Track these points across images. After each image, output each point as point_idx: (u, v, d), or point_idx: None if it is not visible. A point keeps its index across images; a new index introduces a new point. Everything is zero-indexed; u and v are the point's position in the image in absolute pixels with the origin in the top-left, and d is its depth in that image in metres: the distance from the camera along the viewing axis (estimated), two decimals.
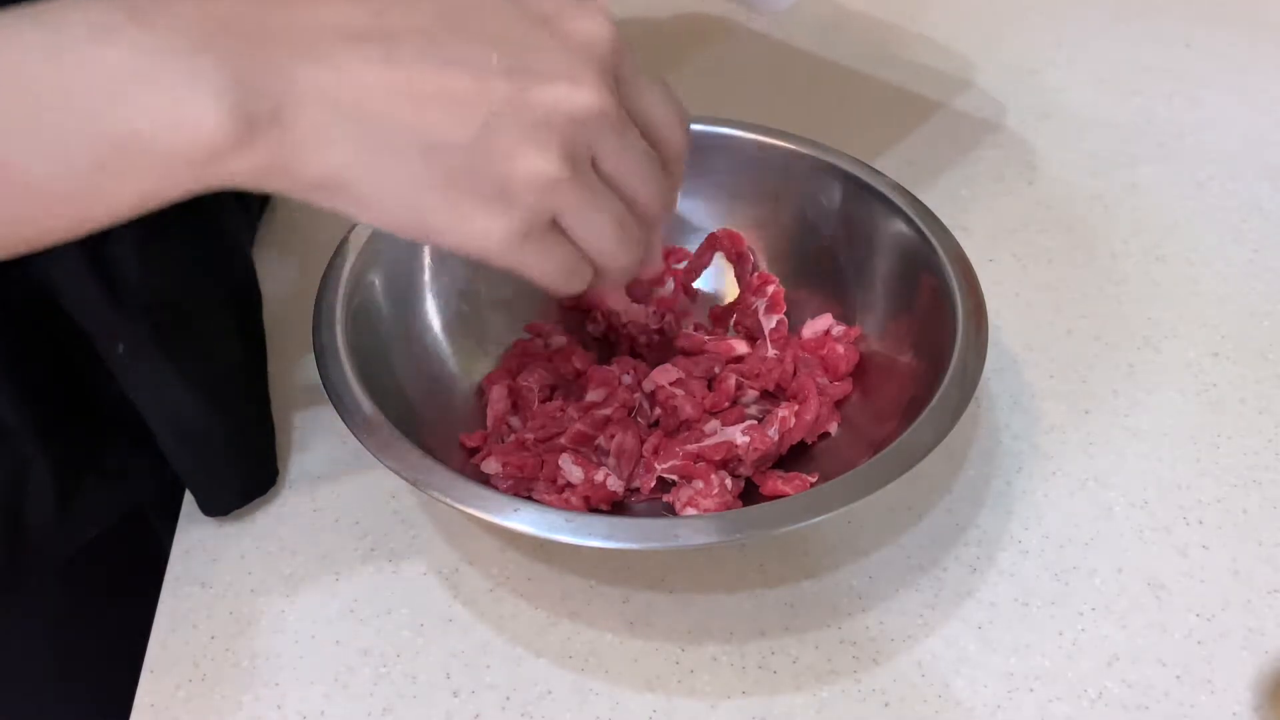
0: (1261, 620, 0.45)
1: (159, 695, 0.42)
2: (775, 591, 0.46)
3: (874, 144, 0.70)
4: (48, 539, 0.45)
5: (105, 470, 0.47)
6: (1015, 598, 0.45)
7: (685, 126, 0.38)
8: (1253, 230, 0.64)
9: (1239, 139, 0.71)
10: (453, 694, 0.42)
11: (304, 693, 0.42)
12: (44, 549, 0.46)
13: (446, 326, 0.52)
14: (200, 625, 0.44)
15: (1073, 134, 0.72)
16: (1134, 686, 0.43)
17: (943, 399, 0.43)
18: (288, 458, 0.51)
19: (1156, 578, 0.46)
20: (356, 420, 0.42)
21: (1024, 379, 0.55)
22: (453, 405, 0.51)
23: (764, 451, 0.47)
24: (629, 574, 0.46)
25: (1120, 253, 0.63)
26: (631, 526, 0.40)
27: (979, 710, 0.42)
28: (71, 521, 0.46)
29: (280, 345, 0.56)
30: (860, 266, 0.54)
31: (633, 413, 0.50)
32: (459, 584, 0.46)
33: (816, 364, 0.51)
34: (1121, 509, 0.49)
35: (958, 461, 0.51)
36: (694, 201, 0.58)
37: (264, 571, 0.46)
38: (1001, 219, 0.65)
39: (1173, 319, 0.59)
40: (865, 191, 0.53)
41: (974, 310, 0.47)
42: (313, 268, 0.60)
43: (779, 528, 0.40)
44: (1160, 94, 0.76)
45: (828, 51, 0.80)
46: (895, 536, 0.48)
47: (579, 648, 0.44)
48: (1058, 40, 0.82)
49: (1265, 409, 0.54)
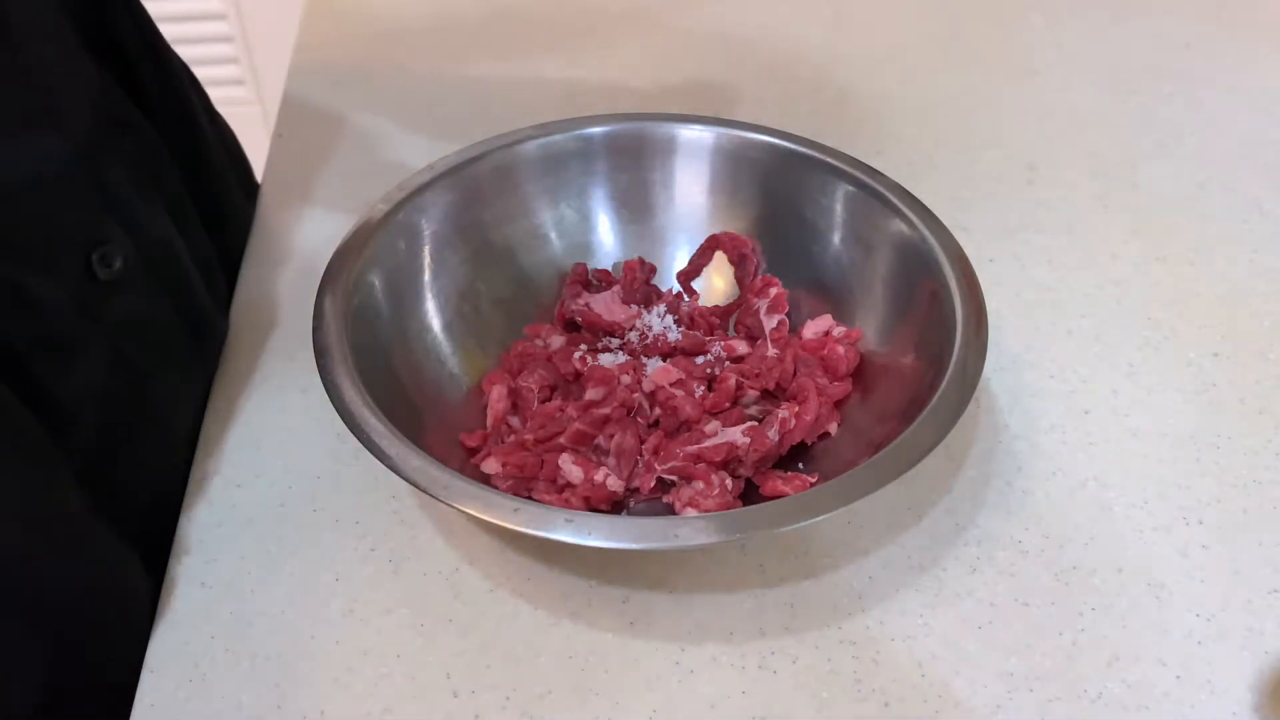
0: (1261, 620, 0.45)
1: (159, 695, 0.42)
2: (775, 591, 0.46)
3: (874, 144, 0.70)
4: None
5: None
6: (1015, 598, 0.45)
7: None
8: (1253, 230, 0.64)
9: (1239, 139, 0.71)
10: (453, 694, 0.42)
11: (304, 693, 0.42)
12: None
13: (446, 326, 0.52)
14: (200, 625, 0.44)
15: (1073, 134, 0.72)
16: (1134, 686, 0.42)
17: (943, 399, 0.43)
18: (288, 458, 0.51)
19: (1156, 578, 0.46)
20: (356, 420, 0.42)
21: (1024, 379, 0.55)
22: (453, 405, 0.51)
23: (764, 452, 0.47)
24: (629, 574, 0.46)
25: (1120, 253, 0.63)
26: (631, 526, 0.40)
27: (979, 710, 0.42)
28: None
29: (279, 345, 0.56)
30: (860, 267, 0.54)
31: (632, 413, 0.50)
32: (459, 584, 0.46)
33: (817, 364, 0.51)
34: (1121, 509, 0.49)
35: (958, 461, 0.51)
36: (694, 202, 0.58)
37: (264, 571, 0.46)
38: (1001, 219, 0.65)
39: (1173, 319, 0.59)
40: (865, 191, 0.53)
41: (974, 310, 0.47)
42: (307, 272, 0.60)
43: (779, 528, 0.40)
44: (1160, 94, 0.76)
45: (828, 51, 0.80)
46: (895, 536, 0.48)
47: (579, 648, 0.44)
48: (1058, 40, 0.82)
49: (1265, 409, 0.54)
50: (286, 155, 0.70)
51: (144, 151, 0.52)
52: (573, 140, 0.57)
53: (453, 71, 0.78)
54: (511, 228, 0.56)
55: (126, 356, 0.46)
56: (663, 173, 0.57)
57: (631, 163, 0.57)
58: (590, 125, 0.57)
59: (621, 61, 0.78)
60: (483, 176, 0.55)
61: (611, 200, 0.58)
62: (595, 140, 0.57)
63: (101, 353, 0.45)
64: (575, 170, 0.57)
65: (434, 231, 0.53)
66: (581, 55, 0.79)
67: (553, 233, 0.57)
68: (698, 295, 0.57)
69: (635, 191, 0.58)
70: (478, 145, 0.55)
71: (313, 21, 0.83)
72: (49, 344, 0.42)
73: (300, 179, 0.68)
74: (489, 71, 0.78)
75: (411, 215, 0.52)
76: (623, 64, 0.78)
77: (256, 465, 0.50)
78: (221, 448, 0.51)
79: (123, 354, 0.46)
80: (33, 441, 0.41)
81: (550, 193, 0.57)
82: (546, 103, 0.74)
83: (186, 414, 0.52)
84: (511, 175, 0.56)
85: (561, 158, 0.57)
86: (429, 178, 0.53)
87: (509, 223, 0.56)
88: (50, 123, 0.44)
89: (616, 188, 0.58)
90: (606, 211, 0.58)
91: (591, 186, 0.57)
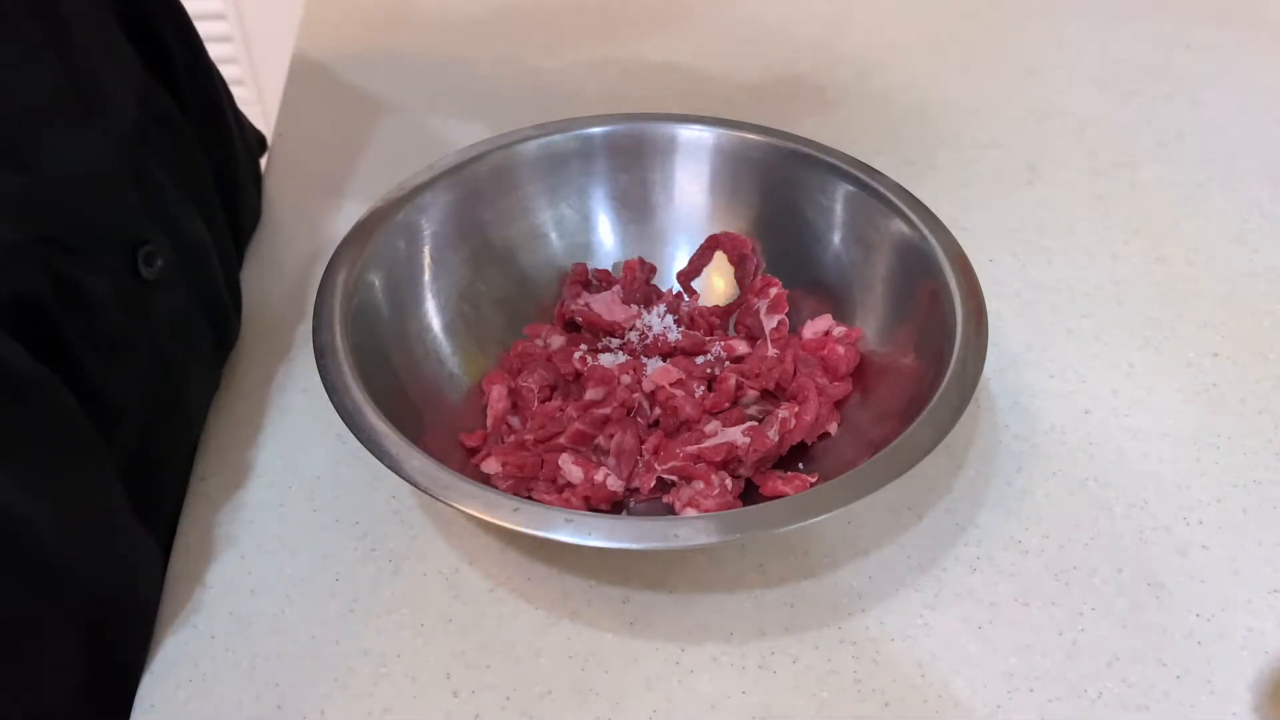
0: (1261, 620, 0.45)
1: (159, 695, 0.42)
2: (775, 591, 0.46)
3: (874, 144, 0.70)
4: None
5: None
6: (1015, 598, 0.45)
7: None
8: (1253, 230, 0.64)
9: (1239, 139, 0.71)
10: (453, 694, 0.42)
11: (304, 693, 0.42)
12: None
13: (446, 326, 0.52)
14: (200, 625, 0.44)
15: (1073, 134, 0.72)
16: (1134, 686, 0.42)
17: (943, 399, 0.43)
18: (288, 458, 0.51)
19: (1156, 578, 0.46)
20: (356, 420, 0.42)
21: (1024, 379, 0.55)
22: (453, 405, 0.51)
23: (764, 452, 0.47)
24: (629, 574, 0.46)
25: (1120, 253, 0.63)
26: (631, 526, 0.40)
27: (979, 710, 0.42)
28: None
29: (280, 345, 0.56)
30: (860, 267, 0.54)
31: (632, 413, 0.50)
32: (459, 584, 0.46)
33: (817, 364, 0.51)
34: (1121, 509, 0.49)
35: (958, 461, 0.51)
36: (694, 202, 0.58)
37: (264, 571, 0.46)
38: (1001, 219, 0.65)
39: (1173, 319, 0.59)
40: (865, 191, 0.53)
41: (974, 311, 0.47)
42: (307, 272, 0.60)
43: (779, 528, 0.40)
44: (1160, 94, 0.76)
45: (828, 51, 0.80)
46: (895, 536, 0.48)
47: (579, 648, 0.44)
48: (1058, 40, 0.82)
49: (1265, 409, 0.54)
50: (287, 155, 0.70)
51: (181, 149, 0.51)
52: (573, 140, 0.57)
53: (453, 71, 0.78)
54: (511, 228, 0.56)
55: (166, 356, 0.46)
56: (663, 173, 0.58)
57: (631, 163, 0.57)
58: (590, 125, 0.57)
59: (622, 61, 0.78)
60: (483, 176, 0.55)
61: (611, 200, 0.58)
62: (595, 140, 0.57)
63: (147, 352, 0.45)
64: (575, 170, 0.57)
65: (434, 231, 0.53)
66: (583, 54, 0.79)
67: (553, 233, 0.57)
68: (698, 295, 0.57)
69: (635, 191, 0.58)
70: (478, 145, 0.55)
71: (313, 21, 0.83)
72: (100, 341, 0.42)
73: (300, 179, 0.68)
74: (489, 71, 0.78)
75: (411, 215, 0.52)
76: (623, 63, 0.78)
77: (256, 465, 0.50)
78: (222, 447, 0.51)
79: (163, 354, 0.46)
80: (84, 438, 0.40)
81: (550, 193, 0.57)
82: (547, 102, 0.74)
83: (204, 414, 0.52)
84: (511, 175, 0.56)
85: (561, 158, 0.57)
86: (429, 178, 0.53)
87: (509, 223, 0.56)
88: (99, 115, 0.43)
89: (616, 188, 0.58)
90: (606, 211, 0.58)
91: (591, 186, 0.57)
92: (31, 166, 0.39)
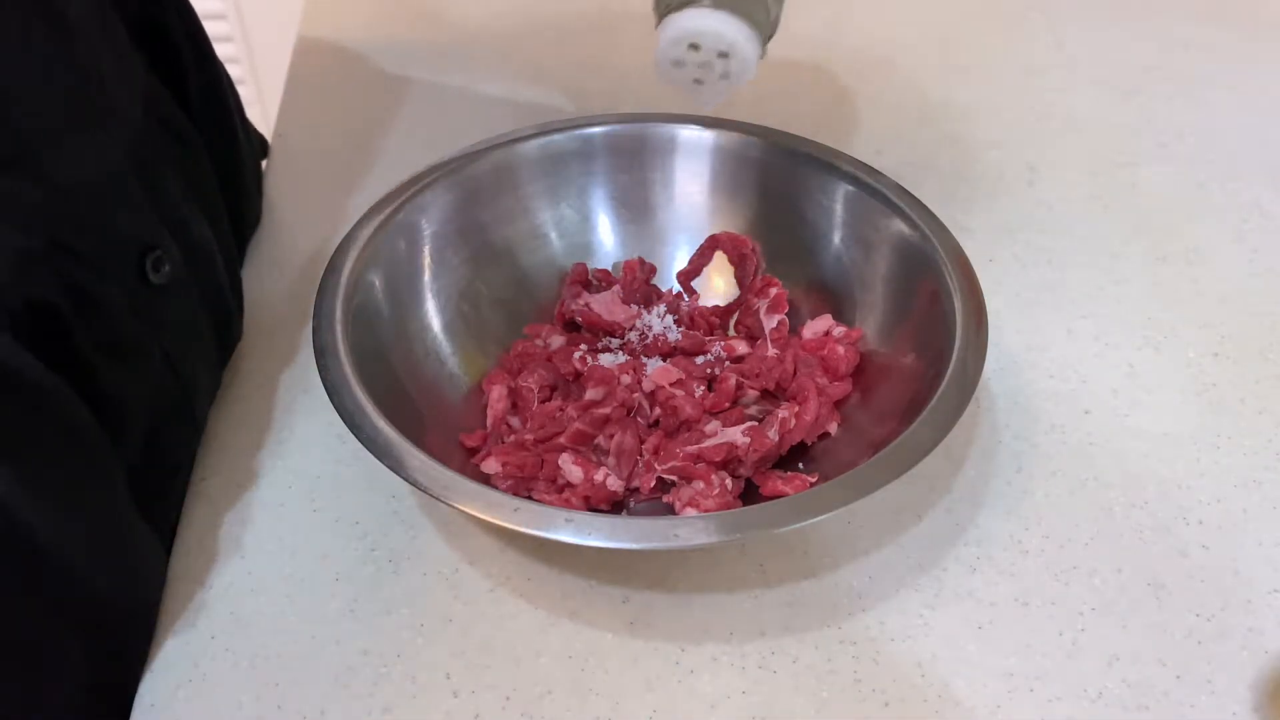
0: (1261, 620, 0.45)
1: (159, 695, 0.42)
2: (775, 591, 0.46)
3: (874, 144, 0.70)
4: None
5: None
6: (1015, 598, 0.45)
7: None
8: (1253, 230, 0.64)
9: (1239, 139, 0.71)
10: (453, 694, 0.42)
11: (304, 693, 0.42)
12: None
13: (446, 326, 0.52)
14: (200, 625, 0.44)
15: (1073, 134, 0.72)
16: (1134, 686, 0.42)
17: (943, 399, 0.43)
18: (288, 458, 0.51)
19: (1156, 578, 0.46)
20: (356, 420, 0.42)
21: (1024, 379, 0.55)
22: (453, 405, 0.51)
23: (764, 452, 0.47)
24: (629, 574, 0.46)
25: (1120, 253, 0.63)
26: (631, 526, 0.40)
27: (979, 710, 0.42)
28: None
29: (280, 345, 0.56)
30: (860, 267, 0.54)
31: (632, 413, 0.50)
32: (459, 584, 0.46)
33: (816, 364, 0.51)
34: (1121, 509, 0.49)
35: (958, 461, 0.51)
36: (694, 202, 0.58)
37: (264, 571, 0.46)
38: (1001, 219, 0.65)
39: (1173, 319, 0.59)
40: (865, 191, 0.53)
41: (974, 310, 0.47)
42: (307, 272, 0.60)
43: (779, 528, 0.40)
44: (1160, 94, 0.76)
45: (828, 51, 0.80)
46: (895, 536, 0.48)
47: (579, 648, 0.44)
48: (1058, 40, 0.82)
49: (1265, 409, 0.54)
50: (287, 155, 0.70)
51: (187, 154, 0.51)
52: (573, 140, 0.57)
53: (453, 72, 0.78)
54: (511, 228, 0.56)
55: (175, 360, 0.46)
56: (663, 173, 0.58)
57: (631, 163, 0.57)
58: (590, 125, 0.57)
59: (622, 61, 0.78)
60: (483, 176, 0.55)
61: (611, 200, 0.58)
62: (595, 140, 0.57)
63: (157, 356, 0.45)
64: (575, 170, 0.57)
65: (434, 231, 0.53)
66: (584, 54, 0.79)
67: (553, 233, 0.57)
68: (698, 295, 0.57)
69: (635, 191, 0.58)
70: (478, 145, 0.55)
71: (313, 22, 0.83)
72: (110, 347, 0.42)
73: (300, 179, 0.68)
74: (490, 71, 0.78)
75: (411, 215, 0.52)
76: (623, 63, 0.78)
77: (257, 465, 0.50)
78: (222, 447, 0.51)
79: (171, 357, 0.46)
80: (94, 446, 0.40)
81: (550, 193, 0.57)
82: (547, 102, 0.74)
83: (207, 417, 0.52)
84: (511, 175, 0.56)
85: (561, 158, 0.57)
86: (429, 178, 0.53)
87: (509, 223, 0.56)
88: (106, 120, 0.43)
89: (616, 188, 0.58)
90: (606, 211, 0.58)
91: (591, 186, 0.57)
92: (43, 174, 0.39)
